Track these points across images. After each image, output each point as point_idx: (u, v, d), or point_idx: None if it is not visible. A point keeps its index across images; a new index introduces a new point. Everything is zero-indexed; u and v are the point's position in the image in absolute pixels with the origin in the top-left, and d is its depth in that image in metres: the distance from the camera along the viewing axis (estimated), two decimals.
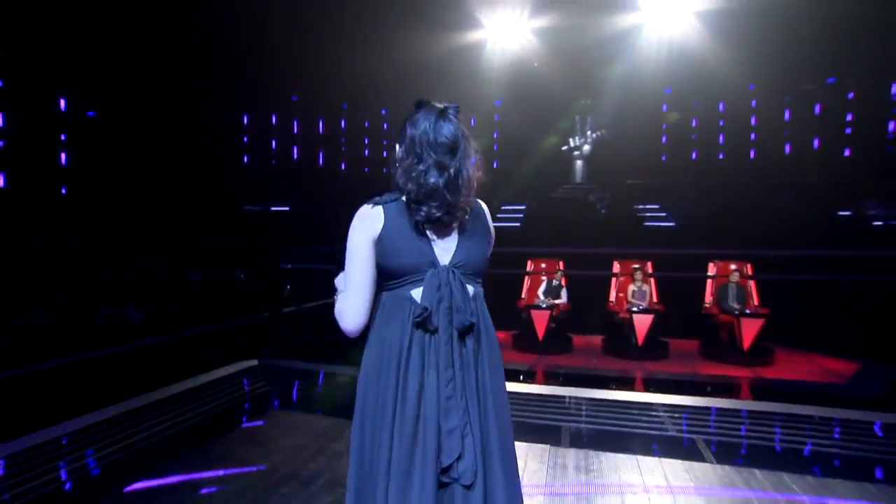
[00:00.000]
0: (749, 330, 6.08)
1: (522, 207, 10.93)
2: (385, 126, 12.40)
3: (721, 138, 10.38)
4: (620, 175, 10.52)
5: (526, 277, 7.74)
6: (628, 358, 6.48)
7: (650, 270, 7.16)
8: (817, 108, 9.49)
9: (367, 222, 1.32)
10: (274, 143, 11.47)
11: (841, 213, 8.48)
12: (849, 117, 9.34)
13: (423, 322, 1.30)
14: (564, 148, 10.89)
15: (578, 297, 7.40)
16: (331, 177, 11.91)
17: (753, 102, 9.98)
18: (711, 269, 7.03)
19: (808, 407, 4.10)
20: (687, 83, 9.61)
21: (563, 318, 7.15)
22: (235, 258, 9.94)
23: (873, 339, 6.38)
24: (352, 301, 1.33)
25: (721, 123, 10.39)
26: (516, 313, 7.39)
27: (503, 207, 11.06)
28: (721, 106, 10.29)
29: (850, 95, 9.20)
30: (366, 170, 12.31)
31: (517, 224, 10.44)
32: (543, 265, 7.71)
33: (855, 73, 9.14)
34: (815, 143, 9.43)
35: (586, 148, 10.70)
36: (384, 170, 1.37)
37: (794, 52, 8.56)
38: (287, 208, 11.15)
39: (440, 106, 1.36)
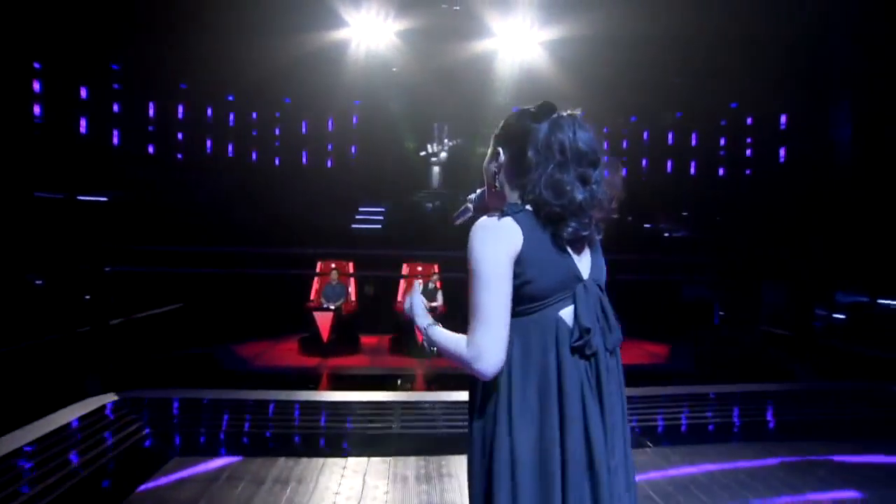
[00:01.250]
0: None
1: (381, 210, 10.73)
2: (231, 116, 10.89)
3: None
4: (473, 184, 11.00)
5: (401, 280, 7.56)
6: None
7: None
8: (624, 143, 11.35)
9: (505, 237, 1.08)
10: (84, 121, 9.08)
11: (646, 226, 10.27)
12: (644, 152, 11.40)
13: (583, 345, 1.11)
14: (423, 154, 11.02)
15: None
16: (165, 167, 9.98)
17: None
18: None
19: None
20: (530, 103, 10.53)
21: (440, 321, 7.15)
22: (26, 258, 7.62)
23: (675, 326, 7.92)
24: (494, 333, 1.06)
25: None
26: (394, 317, 7.22)
27: (361, 209, 10.69)
28: None
29: (646, 135, 11.22)
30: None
31: (378, 226, 10.21)
32: (420, 268, 7.63)
33: (646, 118, 11.19)
34: (624, 171, 11.24)
35: (443, 155, 11.00)
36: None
37: (610, 90, 10.05)
38: (105, 199, 8.96)
39: (574, 112, 1.20)
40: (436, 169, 11.08)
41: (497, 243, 1.07)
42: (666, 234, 10.23)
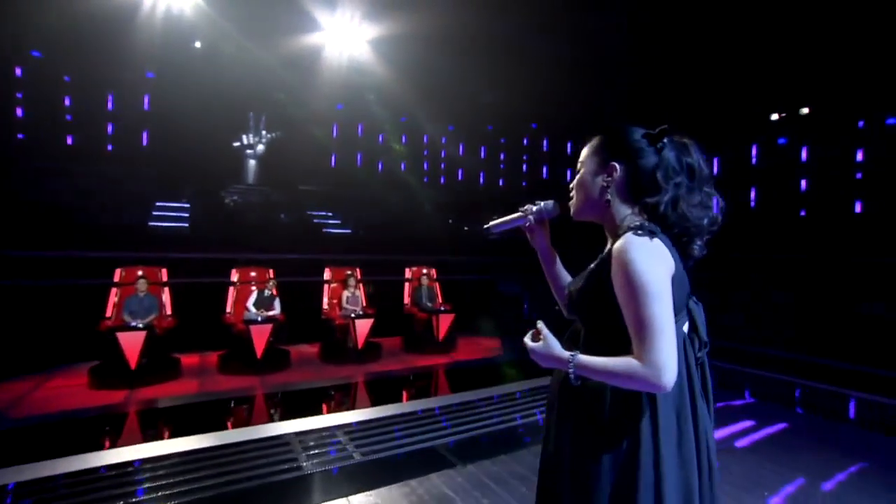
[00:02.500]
0: (443, 324, 7.01)
1: (185, 206, 8.89)
2: None
3: (381, 165, 11.50)
4: (294, 180, 10.06)
5: (231, 288, 6.40)
6: (349, 363, 6.34)
7: (359, 276, 7.21)
8: (443, 152, 11.90)
9: (665, 257, 1.13)
10: None
11: (465, 228, 10.91)
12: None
13: (702, 357, 1.23)
14: (236, 144, 9.55)
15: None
16: None
17: (404, 138, 11.54)
18: (408, 273, 7.70)
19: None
20: (355, 103, 10.14)
21: (279, 330, 6.30)
22: None
23: (497, 320, 8.57)
24: (671, 346, 1.06)
25: (380, 140, 11.48)
26: (222, 329, 6.08)
27: (158, 204, 8.68)
28: (381, 137, 11.40)
29: (461, 148, 11.99)
30: None
31: (183, 224, 8.40)
32: (253, 273, 6.57)
33: (462, 128, 11.97)
34: (461, 174, 11.75)
35: (260, 148, 9.72)
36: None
37: (432, 98, 10.40)
38: None
39: (689, 140, 1.27)
40: (251, 162, 9.76)
41: (662, 262, 1.10)
42: (490, 237, 11.08)
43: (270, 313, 6.29)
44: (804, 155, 8.53)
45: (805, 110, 8.57)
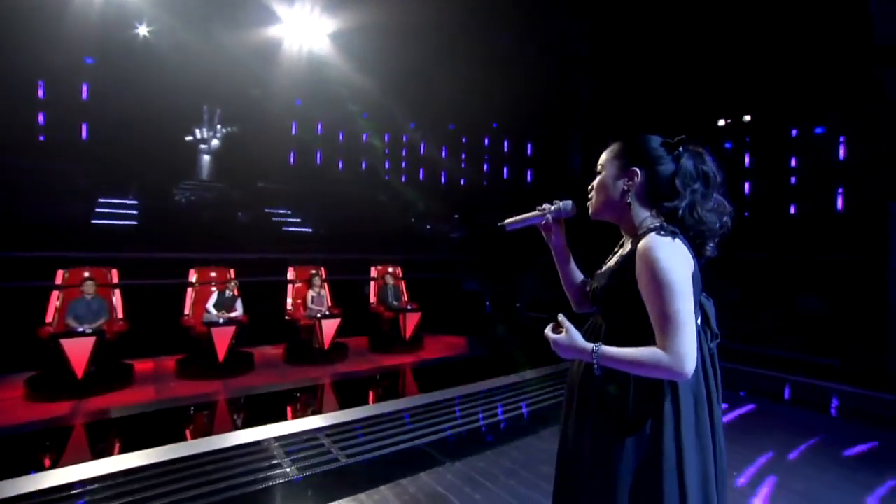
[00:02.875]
0: (410, 322, 6.94)
1: (133, 202, 8.29)
2: None
3: (340, 159, 11.22)
4: (251, 176, 9.61)
5: (189, 289, 6.04)
6: (315, 364, 6.16)
7: (324, 276, 7.01)
8: (404, 151, 11.78)
9: (686, 256, 1.20)
10: None
11: (427, 226, 10.85)
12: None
13: (714, 348, 1.31)
14: (189, 139, 9.00)
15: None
16: None
17: (365, 136, 11.32)
18: (373, 272, 7.57)
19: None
20: (315, 98, 9.84)
21: (242, 332, 6.01)
22: None
23: (460, 317, 8.62)
24: (692, 337, 1.14)
25: (341, 138, 11.20)
26: (180, 332, 5.73)
27: (101, 200, 8.04)
28: (341, 135, 11.10)
29: (423, 146, 11.91)
30: None
31: (131, 222, 7.82)
32: (213, 274, 6.23)
33: (424, 127, 11.88)
34: (423, 173, 11.66)
35: (215, 142, 9.22)
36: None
37: (394, 96, 10.28)
38: None
39: (703, 149, 1.35)
40: (206, 157, 9.24)
41: (684, 260, 1.17)
42: (453, 235, 11.07)
43: (232, 315, 6.00)
44: (747, 160, 9.11)
45: (747, 117, 9.16)
